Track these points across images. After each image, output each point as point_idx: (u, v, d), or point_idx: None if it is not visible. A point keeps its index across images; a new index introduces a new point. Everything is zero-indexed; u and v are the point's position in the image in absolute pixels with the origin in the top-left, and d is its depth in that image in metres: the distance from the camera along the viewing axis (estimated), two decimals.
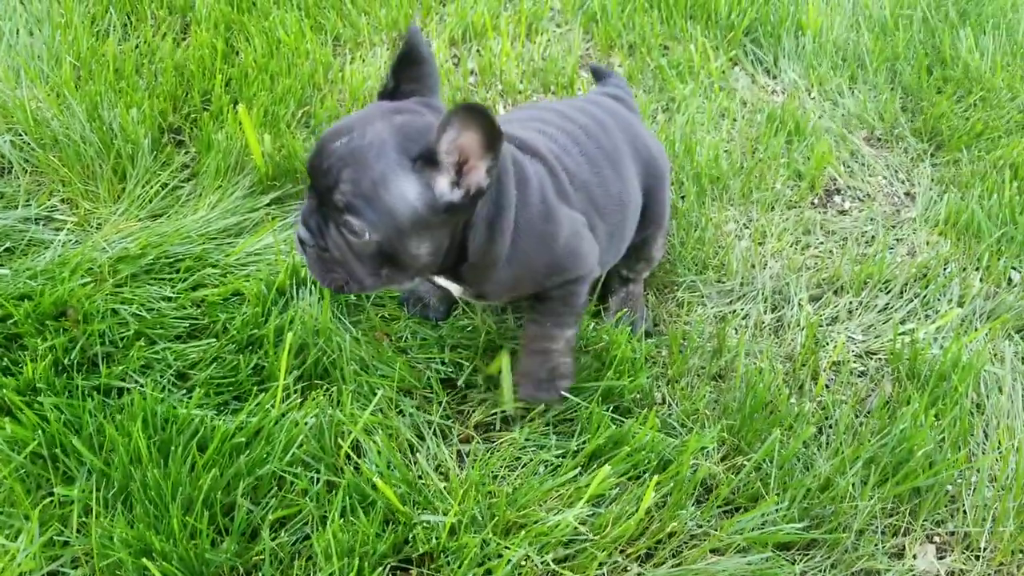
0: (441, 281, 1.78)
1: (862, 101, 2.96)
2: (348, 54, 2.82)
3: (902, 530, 1.81)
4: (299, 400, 1.80)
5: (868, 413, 2.02)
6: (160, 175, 2.27)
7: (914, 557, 1.78)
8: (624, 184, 1.92)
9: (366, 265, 1.55)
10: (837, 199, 2.66)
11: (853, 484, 1.81)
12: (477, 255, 1.63)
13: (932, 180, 2.73)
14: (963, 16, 3.33)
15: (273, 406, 1.76)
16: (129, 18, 2.80)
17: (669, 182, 2.13)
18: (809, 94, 2.97)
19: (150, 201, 2.23)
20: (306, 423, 1.73)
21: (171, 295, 1.99)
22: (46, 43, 2.57)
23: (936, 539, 1.83)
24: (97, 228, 2.15)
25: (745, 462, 1.85)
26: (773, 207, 2.54)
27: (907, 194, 2.70)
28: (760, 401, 1.91)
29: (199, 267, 2.06)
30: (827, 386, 2.08)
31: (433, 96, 1.64)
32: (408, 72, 1.63)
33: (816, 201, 2.63)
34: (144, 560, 1.46)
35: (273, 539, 1.58)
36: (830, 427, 1.98)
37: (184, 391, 1.81)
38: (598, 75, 2.39)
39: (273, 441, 1.68)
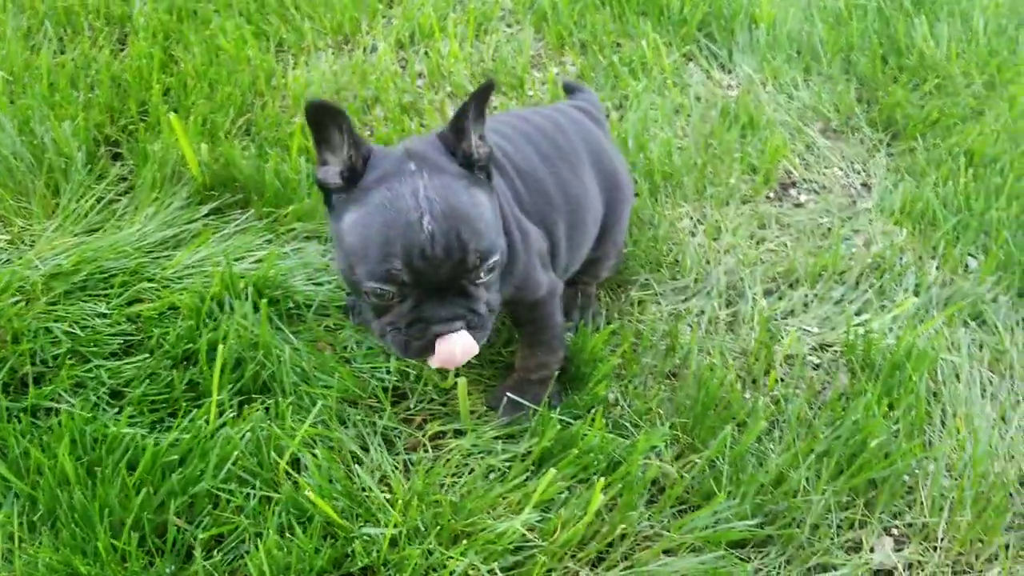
0: None
1: (817, 93, 2.93)
2: (291, 60, 2.77)
3: (858, 523, 1.78)
4: (235, 416, 1.75)
5: (822, 406, 1.98)
6: (95, 189, 2.21)
7: (871, 550, 1.74)
8: (583, 187, 1.88)
9: (498, 285, 1.56)
10: (793, 192, 2.63)
11: (807, 478, 1.77)
12: None
13: (888, 170, 2.70)
14: (918, 4, 3.31)
15: (208, 422, 1.70)
16: (65, 30, 2.74)
17: (631, 202, 2.08)
18: (764, 87, 2.95)
19: (85, 216, 2.16)
20: (242, 438, 1.67)
21: (106, 311, 1.93)
22: None
23: (893, 531, 1.79)
24: (31, 245, 2.09)
25: (698, 460, 1.81)
26: (727, 202, 2.51)
27: (864, 185, 2.68)
28: (712, 397, 1.87)
29: (135, 281, 2.00)
30: (781, 380, 2.04)
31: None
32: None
33: (771, 195, 2.60)
34: None
35: (207, 559, 1.52)
36: (784, 422, 1.94)
37: (117, 410, 1.75)
38: (569, 89, 2.35)
39: (207, 458, 1.63)
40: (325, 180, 1.49)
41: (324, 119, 1.43)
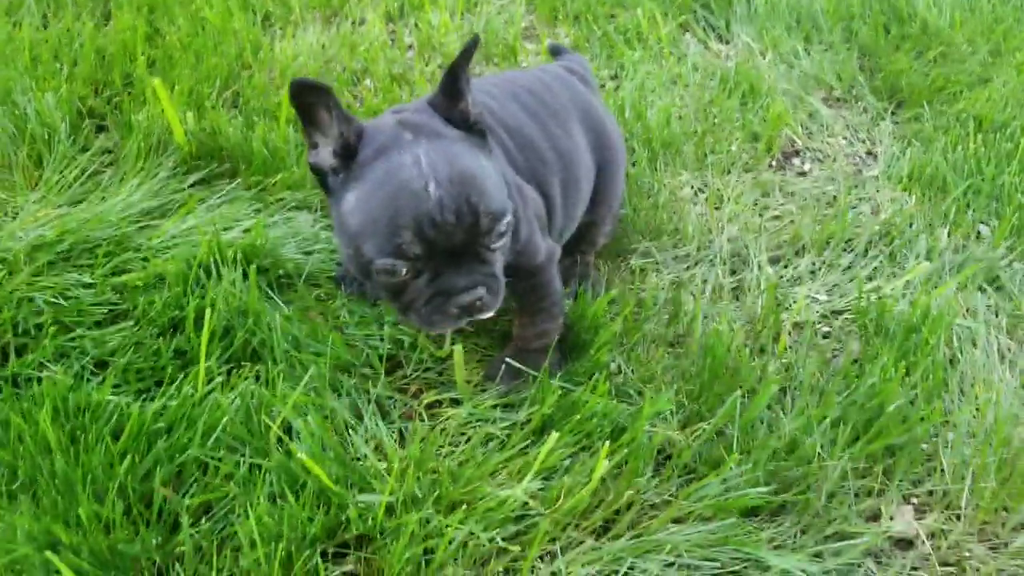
0: None
1: (818, 62, 2.86)
2: (279, 32, 2.70)
3: (876, 491, 1.70)
4: (224, 383, 1.67)
5: (835, 373, 1.92)
6: (79, 160, 2.14)
7: (891, 519, 1.67)
8: (572, 143, 1.81)
9: (509, 248, 1.51)
10: (796, 161, 2.56)
11: (822, 445, 1.70)
12: None
13: (894, 137, 2.64)
14: None
15: (196, 389, 1.63)
16: (49, 6, 2.66)
17: (623, 164, 2.02)
18: (763, 57, 2.88)
19: (69, 187, 2.09)
20: (231, 404, 1.60)
21: (90, 281, 1.86)
22: None
23: (914, 500, 1.72)
24: (14, 217, 2.01)
25: (706, 427, 1.73)
26: (729, 171, 2.44)
27: (868, 153, 2.61)
28: (719, 363, 1.80)
29: (119, 252, 1.92)
30: (790, 347, 1.97)
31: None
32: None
33: (774, 164, 2.53)
34: (48, 554, 1.33)
35: (195, 527, 1.45)
36: (795, 388, 1.87)
37: (102, 379, 1.68)
38: (556, 52, 2.30)
39: (195, 425, 1.55)
40: (319, 164, 1.42)
41: (308, 98, 1.35)
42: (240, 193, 2.11)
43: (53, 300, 1.80)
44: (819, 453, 1.68)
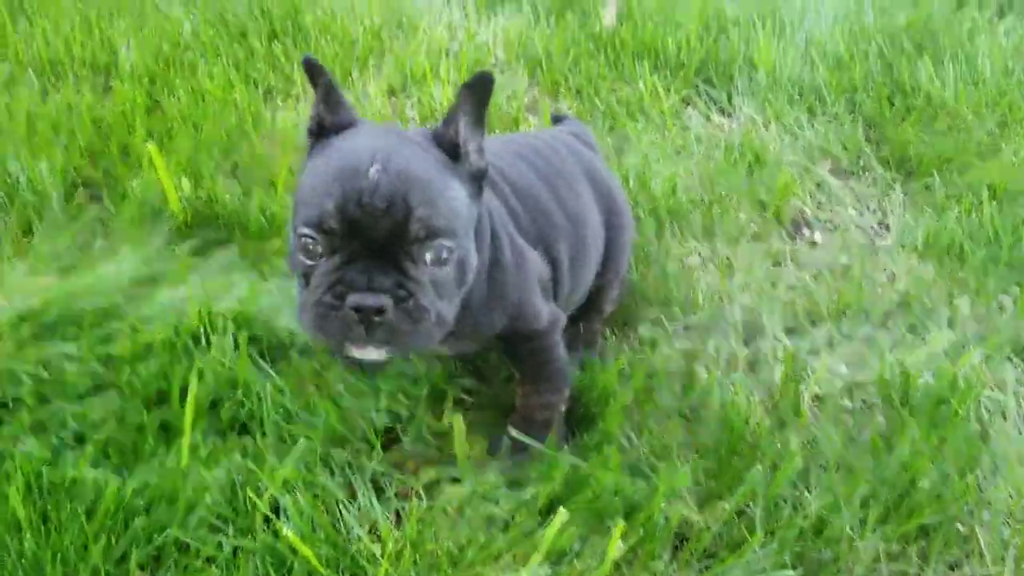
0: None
1: (823, 133, 2.83)
2: (280, 104, 2.66)
3: (912, 575, 1.58)
4: (210, 457, 1.57)
5: (861, 448, 1.81)
6: (70, 228, 2.07)
7: None
8: (581, 204, 1.74)
9: (452, 295, 1.34)
10: (806, 231, 2.49)
11: (851, 524, 1.58)
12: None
13: (905, 207, 2.57)
14: (920, 48, 3.25)
15: (178, 464, 1.52)
16: (49, 79, 2.63)
17: (630, 228, 1.95)
18: (767, 128, 2.84)
19: (59, 256, 2.02)
20: (216, 480, 1.49)
21: (75, 353, 1.77)
22: None
23: None
24: None
25: (726, 506, 1.62)
26: (738, 240, 2.37)
27: (880, 224, 2.55)
28: (737, 437, 1.70)
29: (107, 322, 1.84)
30: (811, 421, 1.87)
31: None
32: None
33: (784, 234, 2.46)
34: None
35: None
36: (820, 464, 1.76)
37: (82, 453, 1.57)
38: (557, 119, 2.25)
39: (175, 502, 1.44)
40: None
41: (308, 72, 1.36)
42: (235, 260, 2.04)
43: (35, 372, 1.70)
44: (849, 533, 1.57)
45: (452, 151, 1.34)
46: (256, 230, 2.06)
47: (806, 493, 1.69)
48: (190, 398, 1.56)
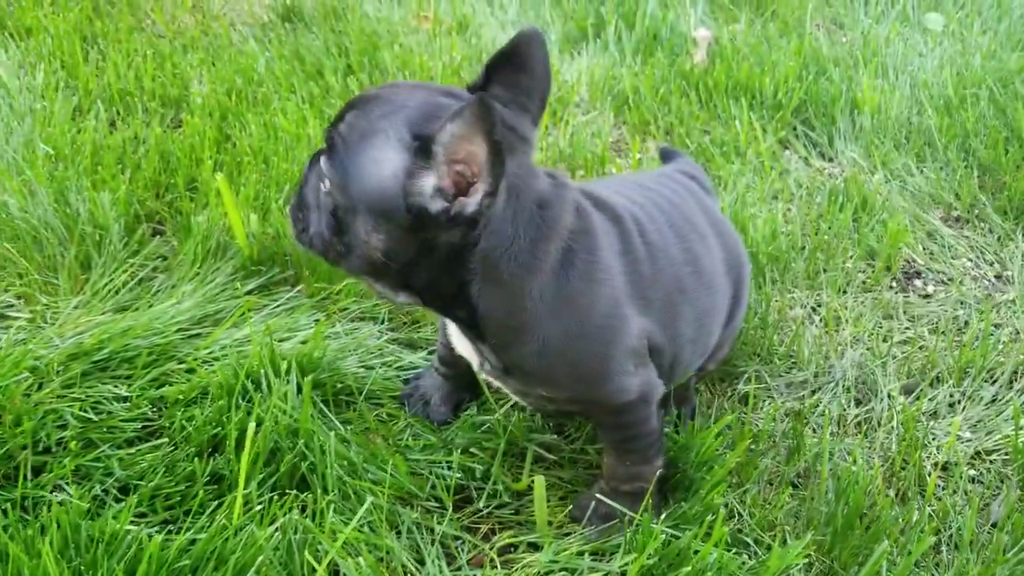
0: (455, 337, 1.42)
1: (934, 180, 2.61)
2: None
3: None
4: (264, 514, 1.41)
5: (994, 525, 1.58)
6: (130, 263, 1.97)
7: None
8: (713, 264, 1.54)
9: (323, 221, 1.25)
10: (918, 283, 2.28)
11: None
12: (491, 307, 1.27)
13: None
14: None
15: (229, 521, 1.37)
16: (118, 112, 2.57)
17: (749, 281, 1.74)
18: (872, 175, 2.64)
19: (117, 292, 1.91)
20: (269, 540, 1.34)
21: (126, 394, 1.65)
22: (24, 136, 2.34)
23: None
24: (52, 324, 1.83)
25: None
26: (845, 290, 2.17)
27: (998, 277, 2.32)
28: (855, 509, 1.49)
29: (162, 362, 1.72)
30: (936, 494, 1.65)
31: (529, 115, 1.30)
32: (506, 77, 1.28)
33: (894, 284, 2.25)
34: None
35: None
36: (948, 542, 1.54)
37: (125, 505, 1.43)
38: (667, 156, 2.05)
39: (225, 564, 1.29)
40: None
41: None
42: (302, 301, 1.91)
43: (82, 413, 1.58)
44: None
45: (426, 142, 1.13)
46: (324, 270, 1.93)
47: (936, 575, 1.47)
48: (246, 447, 1.41)
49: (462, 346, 1.44)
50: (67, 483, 1.45)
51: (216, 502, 1.44)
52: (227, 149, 2.37)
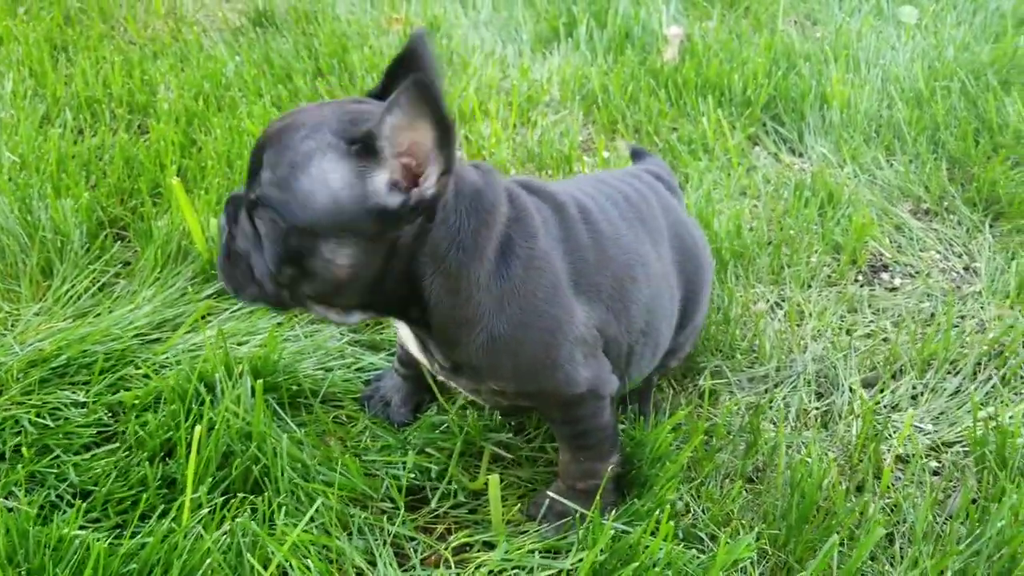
0: (407, 340, 1.42)
1: (903, 173, 2.61)
2: None
3: None
4: (213, 517, 1.41)
5: (950, 516, 1.58)
6: (91, 270, 1.97)
7: None
8: (665, 269, 1.55)
9: (269, 256, 1.20)
10: (885, 276, 2.28)
11: None
12: (440, 300, 1.26)
13: (994, 251, 2.34)
14: (1006, 85, 3.02)
15: (178, 525, 1.37)
16: (86, 119, 2.57)
17: (710, 284, 1.75)
18: (841, 168, 2.64)
19: (78, 298, 1.91)
20: (217, 543, 1.34)
21: (83, 400, 1.65)
22: None
23: None
24: (13, 331, 1.83)
25: None
26: (809, 284, 2.17)
27: (966, 268, 2.32)
28: (809, 502, 1.49)
29: (120, 367, 1.72)
30: (892, 484, 1.65)
31: None
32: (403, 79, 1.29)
33: (860, 278, 2.25)
34: None
35: None
36: (904, 535, 1.54)
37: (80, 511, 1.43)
38: (637, 155, 2.05)
39: (170, 569, 1.29)
40: None
41: None
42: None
43: (39, 420, 1.58)
44: None
45: (367, 140, 1.13)
46: None
47: (889, 567, 1.47)
48: (193, 450, 1.41)
49: (414, 348, 1.44)
50: (19, 489, 1.45)
51: (167, 506, 1.44)
52: (192, 154, 2.37)
